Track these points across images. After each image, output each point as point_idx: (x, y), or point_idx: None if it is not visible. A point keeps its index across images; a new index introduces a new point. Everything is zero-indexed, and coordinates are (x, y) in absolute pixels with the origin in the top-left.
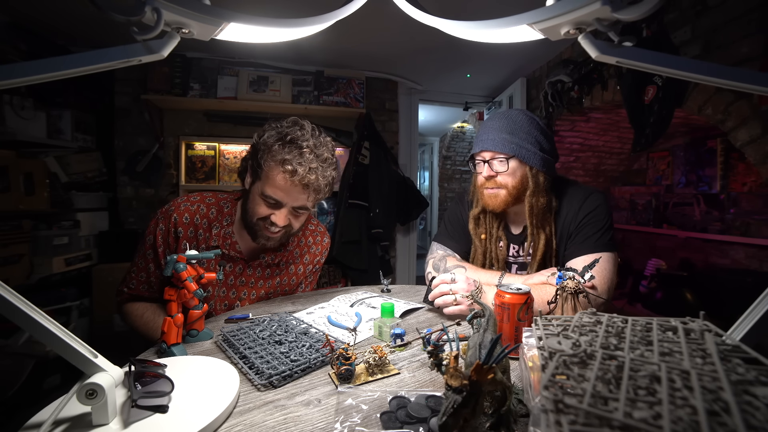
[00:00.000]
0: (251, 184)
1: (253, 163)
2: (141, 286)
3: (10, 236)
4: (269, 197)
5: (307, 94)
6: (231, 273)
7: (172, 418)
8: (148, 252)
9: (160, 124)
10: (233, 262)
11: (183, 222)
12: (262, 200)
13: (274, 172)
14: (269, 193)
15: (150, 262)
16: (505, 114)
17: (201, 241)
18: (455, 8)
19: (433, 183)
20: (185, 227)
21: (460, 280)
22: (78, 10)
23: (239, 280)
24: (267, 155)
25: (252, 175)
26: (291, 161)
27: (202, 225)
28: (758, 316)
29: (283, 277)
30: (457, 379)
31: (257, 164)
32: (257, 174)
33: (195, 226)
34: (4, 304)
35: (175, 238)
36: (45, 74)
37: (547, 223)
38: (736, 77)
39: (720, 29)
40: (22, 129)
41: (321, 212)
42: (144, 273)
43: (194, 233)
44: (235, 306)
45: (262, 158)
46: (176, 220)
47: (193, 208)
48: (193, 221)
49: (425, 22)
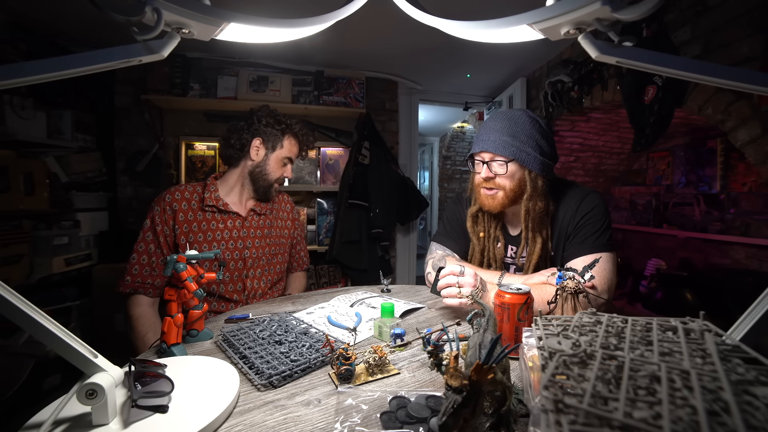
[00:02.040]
0: (265, 155)
1: (267, 134)
2: (143, 270)
3: (10, 236)
4: (287, 158)
5: (307, 94)
6: (233, 228)
7: (172, 418)
8: (147, 235)
9: (160, 124)
10: (231, 218)
11: (176, 198)
12: (281, 163)
13: (293, 141)
14: (287, 155)
15: (150, 243)
16: (507, 115)
17: (196, 210)
18: (455, 8)
19: (433, 183)
20: (179, 202)
21: (468, 273)
22: (78, 10)
23: (242, 232)
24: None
25: (268, 148)
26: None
27: (193, 198)
28: (758, 316)
29: (274, 229)
30: (457, 379)
31: (275, 139)
32: (274, 146)
33: (187, 200)
34: (4, 304)
35: (171, 213)
36: (45, 74)
37: (543, 227)
38: (736, 77)
39: (720, 29)
40: (22, 129)
41: (321, 212)
42: (145, 256)
43: (188, 206)
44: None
45: (284, 132)
46: (170, 198)
47: (182, 188)
48: (184, 196)
49: (425, 22)
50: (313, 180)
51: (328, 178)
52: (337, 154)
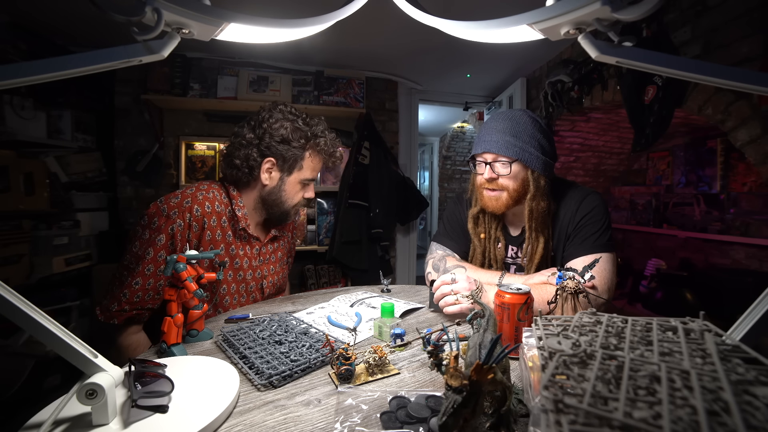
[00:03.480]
0: (280, 179)
1: (281, 154)
2: (146, 295)
3: (10, 236)
4: (307, 180)
5: (307, 94)
6: (252, 256)
7: (172, 418)
8: (159, 254)
9: (160, 124)
10: (250, 244)
11: (206, 212)
12: (300, 186)
13: (316, 159)
14: (309, 177)
15: (162, 263)
16: (508, 115)
17: (226, 230)
18: (455, 8)
19: (433, 183)
20: (209, 216)
21: (460, 279)
22: (78, 10)
23: (259, 260)
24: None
25: (284, 170)
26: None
27: (225, 214)
28: (758, 316)
29: (284, 247)
30: (457, 379)
31: (292, 157)
32: (291, 168)
33: (218, 216)
34: (4, 304)
35: (198, 230)
36: (45, 74)
37: (546, 227)
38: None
39: (720, 29)
40: (22, 129)
41: (321, 212)
42: (152, 279)
43: (217, 222)
44: (262, 287)
45: (303, 149)
46: (199, 211)
47: (210, 195)
48: (215, 209)
49: (425, 22)
50: None
51: (328, 178)
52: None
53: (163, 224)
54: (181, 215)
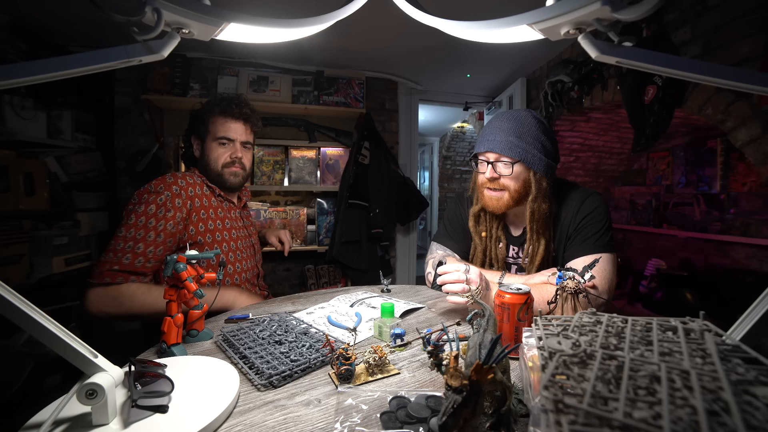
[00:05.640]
0: (201, 145)
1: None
2: (137, 259)
3: (10, 236)
4: (222, 138)
5: (307, 94)
6: (235, 218)
7: (172, 418)
8: (149, 221)
9: (160, 124)
10: (232, 208)
11: (189, 182)
12: (217, 145)
13: (219, 120)
14: (221, 134)
15: (151, 230)
16: (513, 115)
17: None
18: (455, 8)
19: (433, 183)
20: (192, 186)
21: (473, 272)
22: (78, 10)
23: (243, 221)
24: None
25: (200, 139)
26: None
27: (201, 184)
28: (758, 316)
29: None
30: (457, 379)
31: (203, 126)
32: (205, 134)
33: (199, 185)
34: (4, 304)
35: (187, 197)
36: (45, 74)
37: (547, 228)
38: (736, 77)
39: (720, 29)
40: (22, 129)
41: (321, 212)
42: (142, 243)
43: (201, 191)
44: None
45: (207, 118)
46: (183, 182)
47: (182, 175)
48: (195, 181)
49: (425, 22)
50: (313, 180)
51: (328, 178)
52: (337, 154)
53: (152, 198)
54: (168, 188)
